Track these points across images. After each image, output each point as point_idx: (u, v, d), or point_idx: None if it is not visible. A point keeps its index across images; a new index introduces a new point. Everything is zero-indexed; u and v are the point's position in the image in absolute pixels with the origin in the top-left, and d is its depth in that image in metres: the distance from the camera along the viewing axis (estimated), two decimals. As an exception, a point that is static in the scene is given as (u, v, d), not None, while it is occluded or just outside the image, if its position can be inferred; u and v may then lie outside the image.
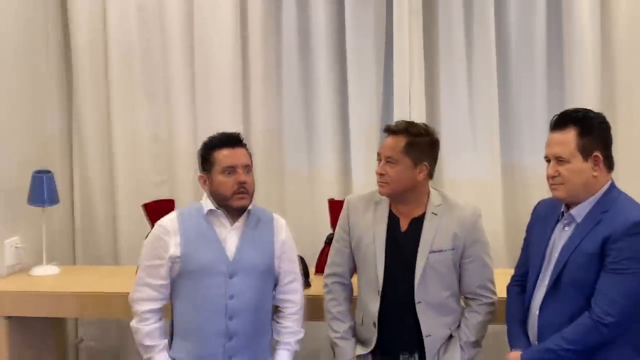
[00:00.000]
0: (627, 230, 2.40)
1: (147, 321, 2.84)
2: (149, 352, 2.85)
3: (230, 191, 2.80)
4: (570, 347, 2.44)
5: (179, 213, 2.89)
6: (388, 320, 2.83)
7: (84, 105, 4.15)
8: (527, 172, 3.86)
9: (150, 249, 2.85)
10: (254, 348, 2.87)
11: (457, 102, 3.91)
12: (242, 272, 2.81)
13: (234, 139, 2.86)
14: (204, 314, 2.80)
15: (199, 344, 2.82)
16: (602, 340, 2.42)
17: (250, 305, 2.83)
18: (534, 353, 2.54)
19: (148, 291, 2.84)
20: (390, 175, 2.79)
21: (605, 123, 2.55)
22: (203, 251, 2.81)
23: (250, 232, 2.87)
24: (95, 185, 4.18)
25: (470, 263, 2.85)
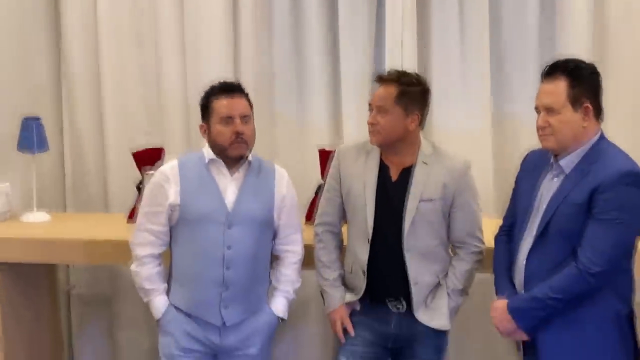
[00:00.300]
0: (615, 181, 2.41)
1: (147, 265, 2.88)
2: (148, 295, 2.90)
3: (228, 141, 2.80)
4: (557, 296, 2.48)
5: (180, 161, 2.90)
6: (377, 268, 2.86)
7: (73, 52, 4.11)
8: (517, 123, 3.86)
9: (151, 196, 2.88)
10: (249, 297, 2.90)
11: (448, 52, 3.90)
12: (240, 222, 2.83)
13: (234, 87, 2.85)
14: (201, 263, 2.83)
15: (195, 291, 2.86)
16: (588, 290, 2.45)
17: (247, 256, 2.85)
18: (521, 301, 2.58)
19: (148, 236, 2.87)
20: (382, 125, 2.79)
21: (596, 73, 2.54)
22: (202, 200, 2.82)
23: (250, 183, 2.88)
24: (85, 132, 4.17)
25: (459, 212, 2.87)
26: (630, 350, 2.57)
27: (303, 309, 4.05)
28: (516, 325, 2.58)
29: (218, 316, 2.86)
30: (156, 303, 2.90)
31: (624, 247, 2.47)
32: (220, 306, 2.85)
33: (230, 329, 2.89)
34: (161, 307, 2.89)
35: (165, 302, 2.90)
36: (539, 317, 2.53)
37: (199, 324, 2.88)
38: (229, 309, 2.86)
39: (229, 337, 2.90)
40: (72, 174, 4.22)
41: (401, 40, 3.82)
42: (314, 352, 4.11)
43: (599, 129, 2.55)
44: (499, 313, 2.62)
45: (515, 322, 2.58)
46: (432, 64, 3.90)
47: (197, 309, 2.87)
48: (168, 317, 2.89)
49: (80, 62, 4.12)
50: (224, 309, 2.85)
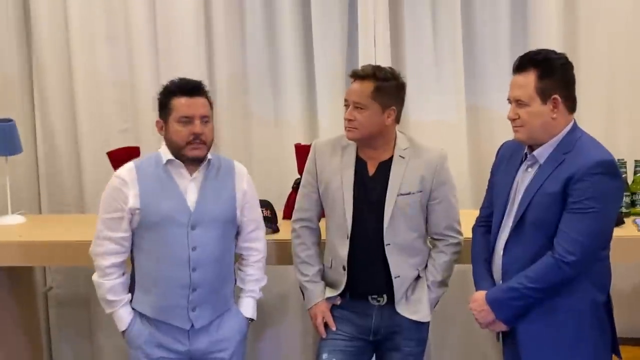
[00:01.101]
0: (588, 170, 2.43)
1: (110, 276, 2.80)
2: (112, 306, 2.83)
3: (185, 141, 2.72)
4: (533, 286, 2.50)
5: (136, 164, 2.82)
6: (357, 263, 2.86)
7: (44, 51, 4.07)
8: (491, 114, 3.89)
9: (109, 201, 2.78)
10: (217, 298, 2.86)
11: (421, 45, 3.91)
12: (203, 223, 2.77)
13: (195, 87, 2.76)
14: (167, 266, 2.76)
15: (162, 296, 2.79)
16: (564, 279, 2.48)
17: (213, 256, 2.80)
18: (498, 292, 2.60)
19: (109, 245, 2.78)
20: (359, 121, 2.79)
21: (567, 64, 2.55)
22: (163, 202, 2.75)
23: (210, 183, 2.82)
24: (59, 133, 4.13)
25: (437, 204, 2.89)
26: (608, 339, 2.60)
27: (283, 304, 4.06)
28: (495, 316, 2.60)
29: (186, 319, 2.81)
30: (121, 315, 2.82)
31: (599, 236, 2.49)
32: (188, 309, 2.79)
33: (200, 332, 2.85)
34: (126, 319, 2.82)
35: (129, 314, 2.83)
36: (517, 308, 2.55)
37: (166, 330, 2.82)
38: (197, 312, 2.81)
39: (199, 340, 2.85)
40: (47, 175, 4.19)
41: (374, 35, 3.83)
42: (294, 348, 4.12)
43: (571, 119, 2.57)
44: (478, 304, 2.64)
45: (494, 313, 2.60)
46: (406, 58, 3.91)
47: (164, 313, 2.80)
48: (133, 329, 2.83)
49: (51, 62, 4.08)
50: (192, 312, 2.80)
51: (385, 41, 3.84)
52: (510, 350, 2.70)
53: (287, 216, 3.50)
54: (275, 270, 3.71)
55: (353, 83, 2.83)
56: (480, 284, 2.71)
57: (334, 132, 3.25)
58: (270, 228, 3.38)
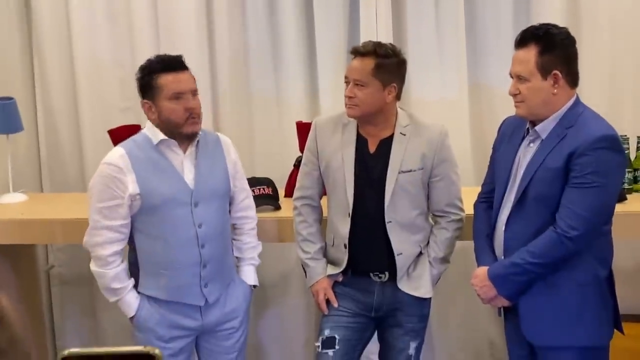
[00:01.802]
0: (591, 145, 2.42)
1: (112, 264, 2.75)
2: (118, 294, 2.78)
3: (182, 118, 2.68)
4: (536, 261, 2.50)
5: (126, 149, 2.74)
6: (358, 241, 2.86)
7: (44, 30, 4.04)
8: (493, 90, 3.87)
9: (104, 190, 2.70)
10: (224, 271, 2.89)
11: (423, 22, 3.88)
12: (204, 199, 2.77)
13: (178, 62, 2.71)
14: (176, 246, 2.74)
15: (174, 277, 2.77)
16: (566, 254, 2.47)
17: (217, 230, 2.81)
18: (501, 268, 2.60)
19: (108, 234, 2.73)
20: (360, 98, 2.77)
21: (569, 39, 2.53)
22: (162, 184, 2.72)
23: (203, 158, 2.80)
24: (60, 111, 4.12)
25: (438, 181, 2.88)
26: (610, 314, 2.60)
27: (285, 282, 4.06)
28: (497, 291, 2.60)
29: (200, 296, 2.82)
30: (128, 301, 2.78)
31: (602, 211, 2.49)
32: (201, 286, 2.80)
33: (211, 307, 2.86)
34: (134, 304, 2.79)
35: (136, 299, 2.80)
36: (519, 283, 2.55)
37: (179, 309, 2.82)
38: (209, 287, 2.82)
39: (211, 314, 2.87)
40: (48, 153, 4.18)
41: (375, 12, 3.80)
42: (297, 325, 4.13)
43: (574, 94, 2.55)
44: (480, 280, 2.64)
45: (496, 289, 2.60)
46: (408, 35, 3.89)
47: (177, 294, 2.80)
48: (142, 313, 2.80)
49: (52, 41, 4.05)
50: (205, 288, 2.81)
51: (387, 18, 3.81)
52: (511, 325, 2.71)
53: (288, 194, 3.50)
54: (277, 248, 3.72)
55: (353, 60, 2.81)
56: (481, 259, 2.72)
57: (336, 109, 3.23)
58: (272, 205, 3.38)
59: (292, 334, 4.16)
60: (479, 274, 2.66)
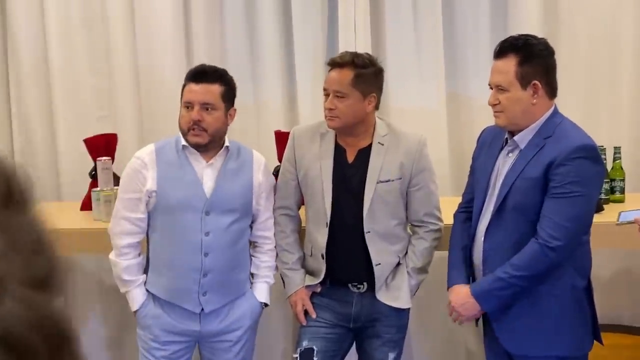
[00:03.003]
0: (570, 155, 2.42)
1: (126, 256, 2.82)
2: (126, 285, 2.85)
3: (186, 126, 2.75)
4: (520, 274, 2.48)
5: (156, 146, 2.84)
6: (336, 251, 2.85)
7: (20, 37, 4.00)
8: (472, 100, 3.88)
9: (128, 182, 2.82)
10: (229, 283, 2.88)
11: (402, 31, 3.89)
12: (218, 209, 2.79)
13: (203, 73, 2.79)
14: (180, 250, 2.79)
15: (173, 279, 2.82)
16: (550, 265, 2.47)
17: (225, 242, 2.81)
18: (484, 284, 2.58)
19: (126, 225, 2.81)
20: (340, 109, 2.76)
21: (547, 49, 2.55)
22: (179, 187, 2.77)
23: (227, 170, 2.83)
24: (34, 119, 4.07)
25: (417, 191, 2.87)
26: (589, 324, 2.60)
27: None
28: (480, 307, 2.58)
29: (197, 303, 2.83)
30: (134, 295, 2.85)
31: (583, 220, 2.49)
32: (199, 293, 2.81)
33: (210, 316, 2.87)
34: (139, 300, 2.85)
35: (143, 295, 2.85)
36: (504, 297, 2.53)
37: (178, 312, 2.85)
38: (208, 296, 2.83)
39: (210, 323, 2.88)
40: (23, 162, 4.12)
41: (354, 20, 3.80)
42: (275, 335, 4.10)
43: (552, 104, 2.56)
44: (461, 297, 2.61)
45: (480, 305, 2.57)
46: (386, 44, 3.89)
47: (175, 296, 2.83)
48: (145, 311, 2.86)
49: (27, 48, 4.01)
50: (202, 296, 2.82)
51: (365, 27, 3.81)
52: (490, 335, 2.70)
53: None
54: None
55: (331, 71, 2.80)
56: (453, 275, 2.70)
57: (315, 118, 3.23)
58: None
59: (270, 345, 4.12)
60: (459, 291, 2.63)
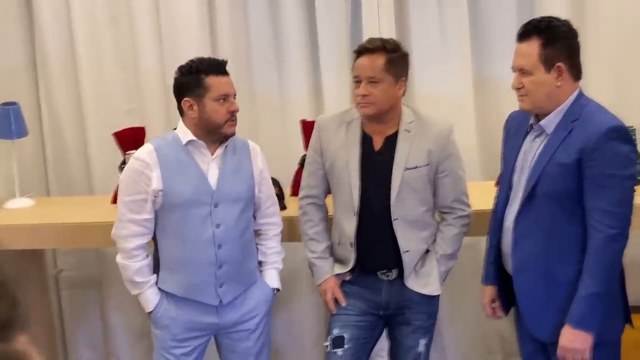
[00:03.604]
0: (601, 138, 2.38)
1: (135, 258, 2.83)
2: (139, 288, 2.86)
3: (224, 119, 2.77)
4: (600, 278, 2.40)
5: (155, 146, 2.83)
6: (365, 239, 2.85)
7: (47, 33, 4.04)
8: (498, 84, 3.83)
9: (131, 184, 2.80)
10: (242, 273, 2.91)
11: (426, 16, 3.85)
12: (225, 201, 2.81)
13: (225, 66, 2.82)
14: (193, 245, 2.80)
15: (189, 274, 2.83)
16: (618, 254, 2.41)
17: (235, 233, 2.84)
18: (576, 312, 2.44)
19: (133, 227, 2.81)
20: (375, 95, 2.75)
21: (572, 31, 2.50)
22: (185, 183, 2.78)
23: (229, 161, 2.85)
24: (64, 114, 4.12)
25: (444, 177, 2.86)
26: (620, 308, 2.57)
27: (293, 281, 4.05)
28: (590, 334, 2.44)
29: (214, 296, 2.85)
30: (148, 296, 2.86)
31: (628, 202, 2.44)
32: (215, 286, 2.83)
33: (227, 307, 2.89)
34: (153, 300, 2.86)
35: (156, 295, 2.87)
36: (601, 309, 2.45)
37: (195, 307, 2.86)
38: (224, 287, 2.85)
39: (227, 314, 2.90)
40: (54, 157, 4.18)
41: (377, 6, 3.78)
42: (306, 324, 4.12)
43: (577, 87, 2.52)
44: (567, 338, 2.45)
45: (588, 332, 2.44)
46: (411, 29, 3.86)
47: (192, 292, 2.84)
48: (160, 310, 2.87)
49: (55, 44, 4.06)
50: (220, 288, 2.84)
51: (389, 13, 3.79)
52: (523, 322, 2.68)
53: (294, 193, 3.49)
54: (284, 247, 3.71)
55: (361, 58, 2.79)
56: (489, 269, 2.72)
57: (340, 107, 3.22)
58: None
59: (302, 333, 4.15)
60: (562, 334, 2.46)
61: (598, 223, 2.40)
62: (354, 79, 2.81)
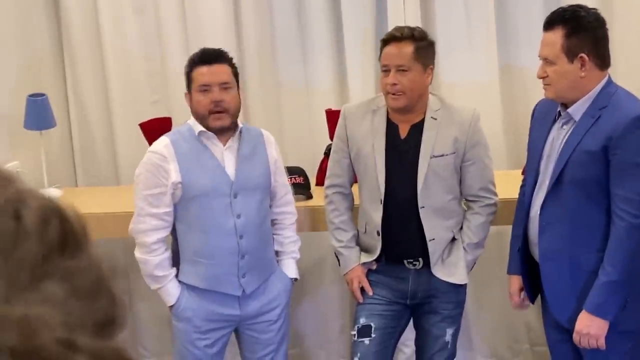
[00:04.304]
0: (629, 126, 2.37)
1: (156, 252, 2.82)
2: (160, 282, 2.85)
3: (207, 110, 2.73)
4: (620, 266, 2.39)
5: (170, 138, 2.83)
6: (391, 228, 2.85)
7: (73, 24, 4.06)
8: (524, 72, 3.80)
9: (150, 178, 2.79)
10: (263, 262, 2.92)
11: (451, 3, 3.84)
12: (244, 191, 2.81)
13: (213, 55, 2.78)
14: (214, 236, 2.80)
15: (212, 266, 2.83)
16: (638, 242, 2.39)
17: (255, 222, 2.84)
18: (595, 298, 2.45)
19: (152, 221, 2.80)
20: (405, 84, 2.74)
21: (598, 20, 2.48)
22: (203, 174, 2.78)
23: (245, 151, 2.84)
24: (91, 105, 4.14)
25: (471, 165, 2.85)
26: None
27: (319, 270, 4.06)
28: (605, 321, 2.45)
29: (237, 286, 2.85)
30: (169, 289, 2.85)
31: None
32: (238, 276, 2.84)
33: (249, 297, 2.90)
34: (174, 293, 2.85)
35: (177, 289, 2.86)
36: (621, 297, 2.45)
37: (217, 299, 2.87)
38: (247, 277, 2.86)
39: (249, 305, 2.91)
40: (81, 148, 4.21)
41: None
42: (332, 314, 4.13)
43: (605, 75, 2.50)
44: (583, 323, 2.47)
45: (604, 319, 2.45)
46: (436, 17, 3.84)
47: (215, 283, 2.84)
48: (182, 303, 2.86)
49: (81, 35, 4.08)
50: (242, 278, 2.85)
51: (415, 1, 3.77)
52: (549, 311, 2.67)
53: (320, 182, 3.49)
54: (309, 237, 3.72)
55: (389, 47, 2.77)
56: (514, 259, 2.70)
57: (365, 96, 3.22)
58: (304, 195, 3.37)
59: (327, 321, 4.16)
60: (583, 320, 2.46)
61: (621, 211, 2.39)
62: (383, 68, 2.79)
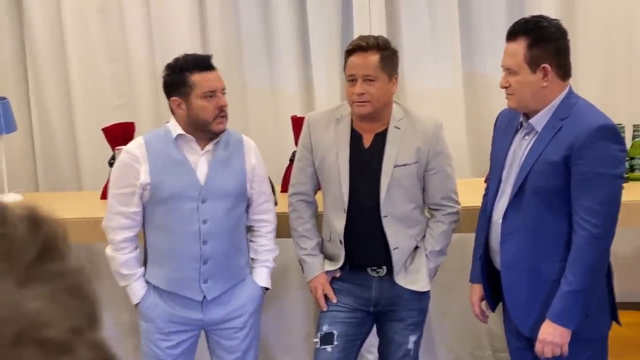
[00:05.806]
0: (590, 137, 2.39)
1: (123, 250, 2.84)
2: (126, 280, 2.87)
3: (212, 115, 2.75)
4: (581, 275, 2.40)
5: (145, 139, 2.84)
6: (355, 236, 2.85)
7: (36, 28, 4.02)
8: (488, 81, 3.84)
9: (120, 177, 2.82)
10: (229, 269, 2.90)
11: (417, 11, 3.86)
12: (214, 196, 2.80)
13: (210, 61, 2.79)
14: (178, 239, 2.80)
15: (174, 269, 2.84)
16: (601, 253, 2.42)
17: (223, 229, 2.83)
18: (557, 307, 2.46)
19: (121, 219, 2.82)
20: (372, 94, 2.74)
21: (560, 31, 2.51)
22: (173, 178, 2.78)
23: (220, 156, 2.84)
24: (53, 110, 4.10)
25: (433, 175, 2.87)
26: (606, 305, 2.58)
27: (283, 277, 4.06)
28: (568, 330, 2.46)
29: (198, 291, 2.84)
30: (134, 288, 2.88)
31: (616, 200, 2.45)
32: (199, 281, 2.83)
33: (212, 303, 2.88)
34: (139, 292, 2.88)
35: (143, 287, 2.88)
36: (582, 305, 2.46)
37: (180, 301, 2.87)
38: (209, 283, 2.85)
39: (212, 311, 2.89)
40: (43, 153, 4.16)
41: (368, 2, 3.78)
42: (296, 320, 4.12)
43: (566, 85, 2.52)
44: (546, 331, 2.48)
45: (567, 327, 2.46)
46: (401, 25, 3.87)
47: (176, 285, 2.85)
48: (147, 303, 2.88)
49: (44, 39, 4.04)
50: (204, 284, 2.84)
51: (380, 9, 3.79)
52: (510, 318, 2.69)
53: (285, 189, 3.48)
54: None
55: (354, 56, 2.76)
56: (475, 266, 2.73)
57: (331, 102, 3.23)
58: (268, 201, 3.36)
59: (292, 328, 4.15)
60: (543, 329, 2.49)
61: (583, 221, 2.41)
62: (349, 77, 2.78)
